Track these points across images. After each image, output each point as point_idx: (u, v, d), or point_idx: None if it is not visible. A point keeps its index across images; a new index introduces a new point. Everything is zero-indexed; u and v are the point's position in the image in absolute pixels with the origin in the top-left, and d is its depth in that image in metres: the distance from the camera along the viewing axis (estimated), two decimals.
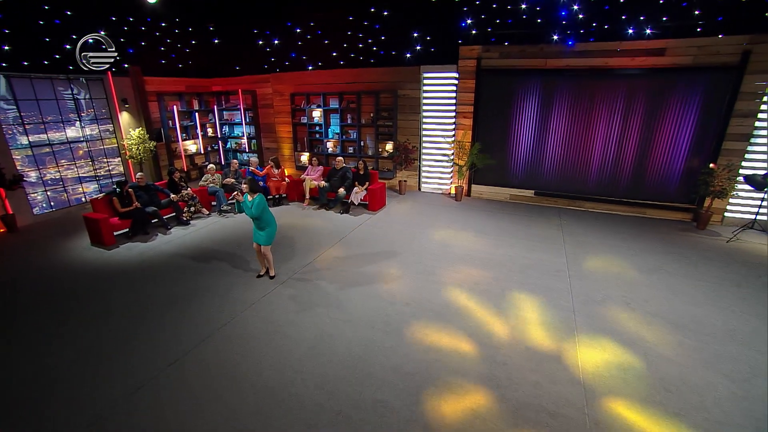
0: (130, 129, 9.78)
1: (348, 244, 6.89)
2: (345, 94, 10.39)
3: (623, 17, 7.75)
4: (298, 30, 10.60)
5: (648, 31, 7.50)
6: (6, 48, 7.76)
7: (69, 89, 8.82)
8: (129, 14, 9.20)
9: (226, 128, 11.96)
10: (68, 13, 8.24)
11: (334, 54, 10.45)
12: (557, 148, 8.83)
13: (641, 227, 7.67)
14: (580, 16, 7.98)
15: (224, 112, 11.90)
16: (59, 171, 8.86)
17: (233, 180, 8.75)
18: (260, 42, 10.96)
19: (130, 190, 7.39)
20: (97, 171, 9.54)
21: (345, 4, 9.94)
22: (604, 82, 8.07)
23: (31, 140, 8.28)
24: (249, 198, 5.34)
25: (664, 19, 7.59)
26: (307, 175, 9.39)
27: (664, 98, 7.71)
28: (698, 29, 7.50)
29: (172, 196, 7.90)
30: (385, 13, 9.61)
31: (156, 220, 7.67)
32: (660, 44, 7.47)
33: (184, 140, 11.02)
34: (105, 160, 9.67)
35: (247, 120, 11.58)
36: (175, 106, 10.62)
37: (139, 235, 7.43)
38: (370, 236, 7.28)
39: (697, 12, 7.39)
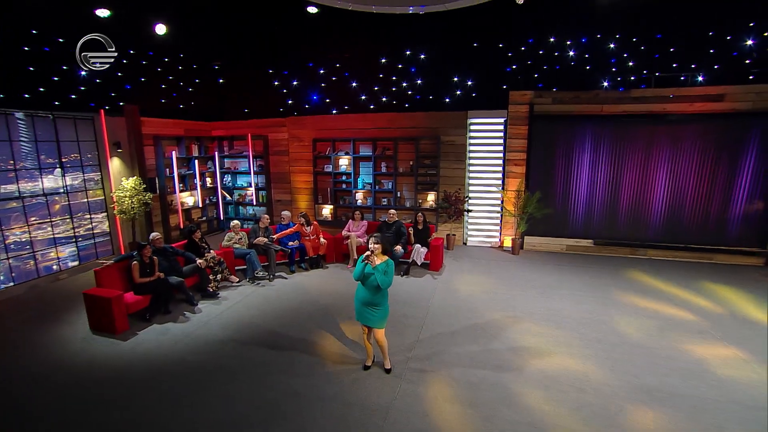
0: (121, 178, 8.27)
1: (441, 316, 5.87)
2: (379, 140, 9.78)
3: (674, 65, 8.17)
4: (322, 71, 10.09)
5: (700, 78, 7.90)
6: None
7: (53, 128, 7.32)
8: (130, 46, 8.15)
9: (228, 178, 10.69)
10: (60, 40, 7.04)
11: (363, 97, 9.96)
12: (615, 194, 8.72)
13: (737, 273, 7.51)
14: (630, 63, 8.31)
15: (226, 160, 10.70)
16: (28, 231, 7.06)
17: (266, 239, 7.49)
18: (276, 83, 10.25)
19: (154, 258, 5.92)
20: (77, 230, 7.79)
21: (376, 46, 9.69)
22: (663, 128, 8.23)
23: None
24: (376, 261, 4.23)
25: (716, 67, 8.08)
26: (349, 230, 8.37)
27: (723, 142, 7.96)
28: (750, 77, 8.04)
29: (199, 261, 6.47)
30: (423, 57, 9.47)
31: (180, 294, 6.17)
32: (718, 90, 7.82)
33: (181, 191, 9.57)
34: (88, 215, 7.97)
35: (256, 168, 10.46)
36: (173, 152, 9.29)
37: (159, 316, 5.87)
38: (459, 302, 6.32)
39: (747, 61, 7.95)
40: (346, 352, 4.91)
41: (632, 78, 8.17)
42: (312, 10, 7.96)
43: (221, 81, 10.06)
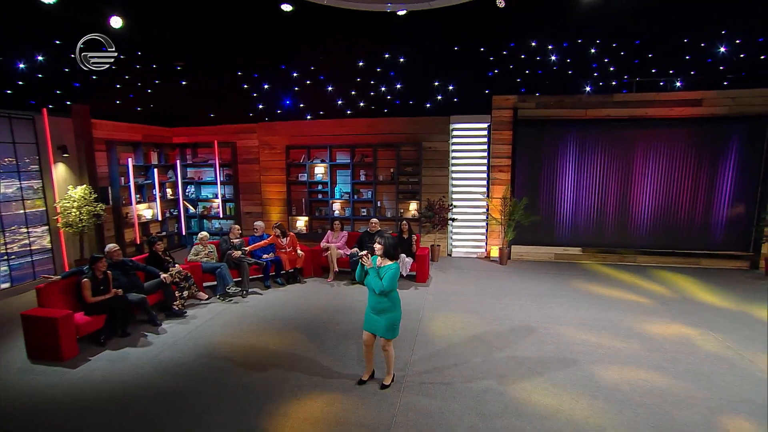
0: (68, 186, 7.53)
1: (434, 327, 5.56)
2: (357, 147, 9.52)
3: (653, 71, 8.51)
4: (295, 74, 9.79)
5: (678, 84, 8.27)
6: None
7: None
8: (80, 39, 7.56)
9: (191, 188, 10.04)
10: None
11: (340, 102, 9.73)
12: (602, 200, 8.85)
13: (722, 277, 7.68)
14: (611, 68, 8.58)
15: (189, 169, 10.08)
16: None
17: (240, 252, 6.96)
18: (245, 86, 9.84)
19: (108, 273, 5.29)
20: (9, 246, 6.94)
21: (353, 49, 9.53)
22: (645, 132, 8.48)
23: None
24: (379, 263, 3.93)
25: (692, 73, 8.48)
26: (329, 242, 7.97)
27: (704, 146, 8.29)
28: (725, 83, 8.49)
29: (163, 275, 5.86)
30: (402, 60, 9.40)
31: (141, 313, 5.53)
32: (696, 95, 8.19)
33: (138, 203, 8.85)
34: (25, 229, 7.14)
35: (223, 178, 9.90)
36: (129, 159, 8.62)
37: (115, 339, 5.19)
38: (452, 314, 6.04)
39: (721, 68, 8.40)
40: (337, 368, 4.50)
41: (614, 83, 8.43)
42: (286, 8, 7.73)
43: (184, 83, 9.52)
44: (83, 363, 4.65)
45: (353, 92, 9.68)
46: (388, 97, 9.67)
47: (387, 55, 9.31)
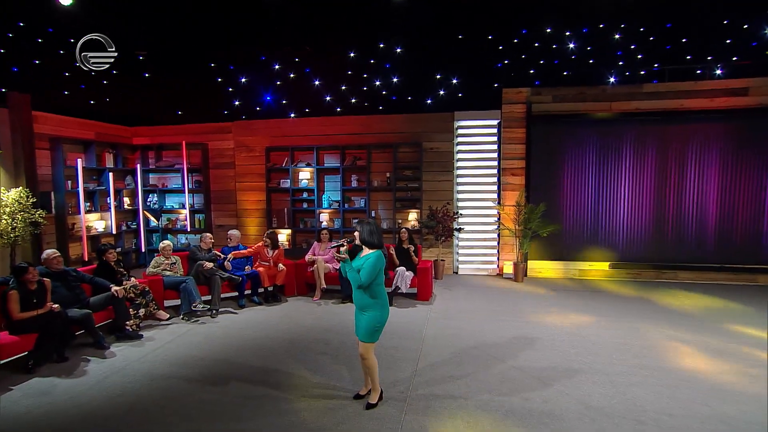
0: (0, 189, 6.66)
1: (440, 346, 4.92)
2: (349, 149, 8.89)
3: (688, 57, 8.15)
4: (277, 66, 9.24)
5: (718, 71, 7.88)
6: None
7: None
8: (21, 17, 6.88)
9: (153, 197, 9.19)
10: None
11: (329, 98, 9.16)
12: (632, 207, 8.25)
13: None
14: (639, 56, 8.22)
15: (150, 175, 9.27)
16: None
17: (212, 264, 6.14)
18: (219, 79, 9.22)
19: (44, 281, 4.51)
20: None
21: (343, 38, 9.06)
22: (682, 127, 7.94)
23: None
24: (362, 254, 3.54)
25: (735, 59, 8.11)
26: (315, 254, 7.18)
27: (753, 142, 7.73)
28: None
29: (115, 288, 5.02)
30: (399, 50, 8.94)
31: (81, 331, 4.74)
32: (741, 83, 7.72)
33: (87, 212, 7.97)
34: None
35: (191, 185, 9.10)
36: (79, 160, 7.79)
37: (48, 364, 4.40)
38: (459, 332, 5.41)
39: None
40: (327, 388, 3.96)
41: (642, 72, 8.01)
42: None
43: (147, 75, 8.86)
44: (3, 392, 3.89)
45: (343, 87, 9.15)
46: (384, 92, 9.14)
47: (382, 45, 8.84)
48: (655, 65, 8.29)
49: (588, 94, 8.26)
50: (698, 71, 7.84)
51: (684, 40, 7.58)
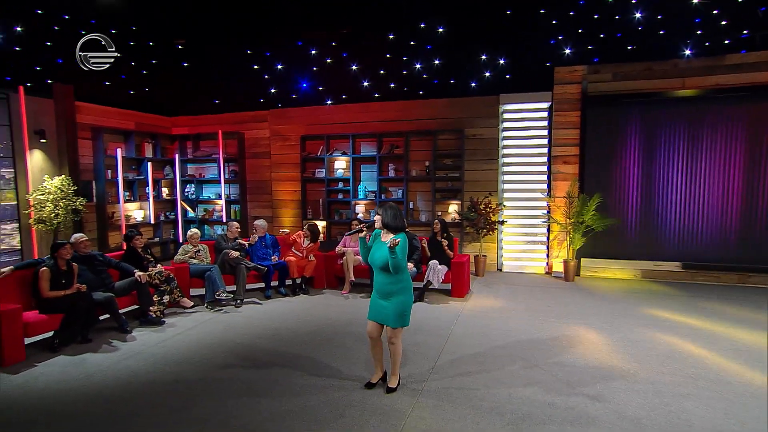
0: (44, 177, 7.27)
1: (466, 344, 4.79)
2: (386, 136, 8.87)
3: None
4: (314, 51, 9.38)
5: None
6: None
7: None
8: (65, 8, 7.43)
9: (191, 188, 9.67)
10: None
11: (366, 83, 9.19)
12: (712, 198, 7.55)
13: None
14: (723, 22, 7.49)
15: (188, 165, 9.75)
16: None
17: (237, 253, 6.34)
18: (255, 66, 9.51)
19: (73, 264, 4.94)
20: None
21: (381, 20, 9.03)
22: None
23: None
24: (383, 238, 3.64)
25: None
26: (345, 246, 7.21)
27: None
28: None
29: (138, 273, 5.31)
30: (441, 30, 8.76)
31: (107, 315, 5.11)
32: None
33: (127, 201, 8.52)
34: None
35: (228, 176, 9.47)
36: (119, 150, 8.34)
37: (73, 345, 4.74)
38: (491, 330, 5.25)
39: None
40: (341, 374, 4.07)
41: (727, 42, 7.28)
42: None
43: (185, 64, 9.32)
44: (27, 369, 4.22)
45: (382, 71, 9.13)
46: (424, 76, 9.03)
47: (423, 25, 8.72)
48: (744, 32, 7.53)
49: (656, 69, 7.66)
50: None
51: None
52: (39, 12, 7.11)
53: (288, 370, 4.11)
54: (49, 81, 7.57)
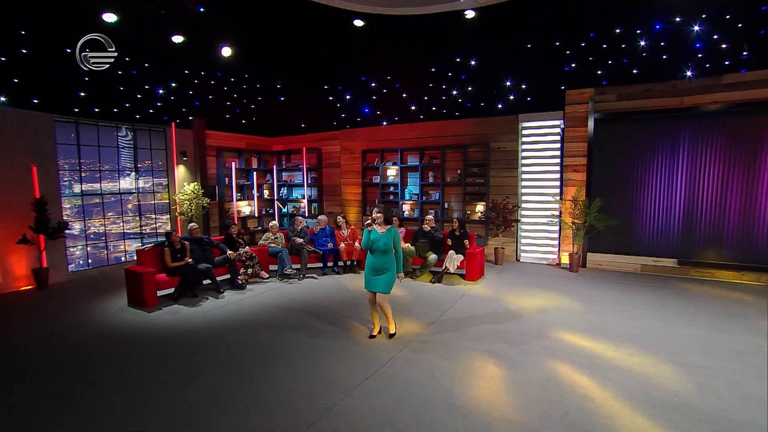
0: (184, 183, 9.75)
1: (462, 316, 5.81)
2: (427, 150, 10.10)
3: None
4: (373, 84, 10.88)
5: None
6: (82, 94, 8.14)
7: (132, 138, 9.04)
8: (201, 68, 9.79)
9: (284, 190, 11.83)
10: (146, 64, 8.79)
11: (413, 107, 10.46)
12: (706, 203, 7.70)
13: None
14: (723, 45, 7.50)
15: (283, 173, 11.90)
16: (104, 225, 8.67)
17: (301, 240, 8.13)
18: (330, 98, 11.30)
19: (185, 243, 6.89)
20: (143, 228, 9.31)
21: (425, 56, 10.19)
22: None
23: (83, 189, 8.28)
24: (379, 230, 4.85)
25: None
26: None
27: None
28: None
29: (229, 252, 7.29)
30: (473, 63, 9.69)
31: (208, 281, 7.01)
32: None
33: (238, 200, 10.87)
34: (153, 216, 9.50)
35: (309, 181, 11.44)
36: (233, 163, 10.69)
37: (185, 298, 6.71)
38: (488, 304, 6.25)
39: None
40: (363, 329, 5.34)
41: (727, 63, 7.35)
42: (358, 23, 8.82)
43: (282, 99, 11.40)
44: (157, 311, 6.19)
45: (426, 97, 10.33)
46: (460, 100, 10.05)
47: (459, 59, 9.75)
48: (744, 53, 7.48)
49: (655, 90, 7.94)
50: None
51: None
52: (186, 72, 9.44)
53: (321, 321, 5.58)
54: (190, 117, 10.06)
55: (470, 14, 7.52)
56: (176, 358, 4.57)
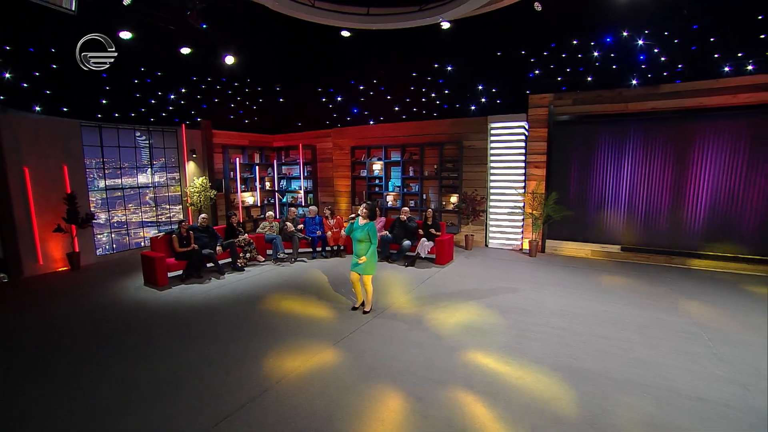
0: (194, 177, 10.50)
1: (430, 292, 6.61)
2: (407, 147, 10.69)
3: (716, 55, 7.61)
4: (362, 87, 11.44)
5: (750, 67, 7.26)
6: (104, 102, 8.86)
7: (147, 138, 9.78)
8: (208, 75, 10.42)
9: (283, 182, 12.55)
10: (159, 73, 9.45)
11: (397, 108, 11.02)
12: (647, 197, 8.30)
13: None
14: (663, 58, 7.96)
15: (283, 167, 12.59)
16: (125, 215, 9.48)
17: (293, 228, 8.87)
18: (323, 99, 11.89)
19: (190, 231, 7.66)
20: (159, 217, 10.12)
21: (408, 62, 10.70)
22: (701, 124, 7.70)
23: (107, 184, 9.07)
24: (360, 222, 5.51)
25: None
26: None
27: None
28: None
29: (218, 247, 7.87)
30: (449, 69, 10.19)
31: (211, 264, 7.80)
32: (766, 79, 7.12)
33: (243, 192, 11.62)
34: (167, 206, 10.29)
35: (305, 174, 12.12)
36: (237, 159, 11.40)
37: (192, 279, 7.51)
38: (451, 283, 7.03)
39: None
40: (345, 302, 6.16)
41: (665, 74, 7.85)
42: (345, 33, 9.33)
43: (281, 100, 12.02)
44: (168, 289, 7.01)
45: (407, 99, 10.88)
46: (437, 102, 10.59)
47: (436, 65, 10.26)
48: (679, 66, 7.95)
49: (605, 96, 8.44)
50: (727, 68, 7.32)
51: (712, 39, 7.27)
52: (194, 79, 10.04)
53: (311, 296, 6.39)
54: (198, 119, 10.74)
55: (446, 25, 7.98)
56: (182, 328, 5.38)
